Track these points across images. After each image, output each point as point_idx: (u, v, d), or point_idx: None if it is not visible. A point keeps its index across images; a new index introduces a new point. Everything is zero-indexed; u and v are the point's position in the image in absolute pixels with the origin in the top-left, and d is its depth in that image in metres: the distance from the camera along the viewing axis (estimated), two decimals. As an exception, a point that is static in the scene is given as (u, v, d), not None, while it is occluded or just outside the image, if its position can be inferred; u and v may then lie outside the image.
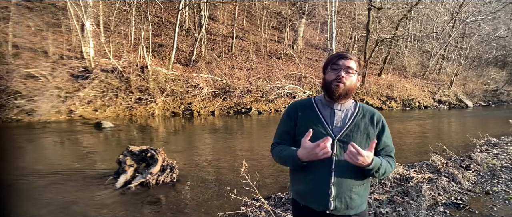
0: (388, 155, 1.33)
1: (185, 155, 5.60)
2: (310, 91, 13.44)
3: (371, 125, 1.30)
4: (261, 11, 17.42)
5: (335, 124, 1.28)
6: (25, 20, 10.71)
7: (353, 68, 1.25)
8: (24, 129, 7.73)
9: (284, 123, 1.40)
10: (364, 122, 1.29)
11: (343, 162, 1.22)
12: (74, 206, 3.36)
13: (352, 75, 1.25)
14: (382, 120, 1.33)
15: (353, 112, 1.32)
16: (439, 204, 3.02)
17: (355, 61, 1.26)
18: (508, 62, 25.48)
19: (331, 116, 1.29)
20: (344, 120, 1.29)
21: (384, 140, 1.31)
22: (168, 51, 12.75)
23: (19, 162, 4.99)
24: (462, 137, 7.26)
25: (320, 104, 1.34)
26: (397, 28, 16.11)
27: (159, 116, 10.35)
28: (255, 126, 9.67)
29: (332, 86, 1.25)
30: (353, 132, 1.27)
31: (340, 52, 1.29)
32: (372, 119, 1.31)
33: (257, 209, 2.83)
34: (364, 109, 1.33)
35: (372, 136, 1.28)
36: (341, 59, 1.25)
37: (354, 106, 1.34)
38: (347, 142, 1.22)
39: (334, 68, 1.25)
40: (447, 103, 16.91)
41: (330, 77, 1.26)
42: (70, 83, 9.68)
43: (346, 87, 1.24)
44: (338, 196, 1.23)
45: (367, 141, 1.27)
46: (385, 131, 1.32)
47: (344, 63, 1.24)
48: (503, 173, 4.09)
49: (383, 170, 1.22)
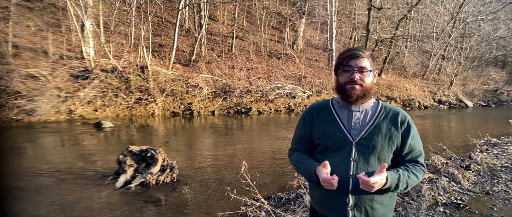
0: (414, 161, 1.19)
1: (185, 155, 5.60)
2: (310, 91, 13.44)
3: (394, 127, 1.17)
4: (261, 11, 17.41)
5: (353, 127, 1.18)
6: (25, 20, 10.71)
7: (367, 67, 1.15)
8: (24, 129, 7.73)
9: (299, 128, 1.33)
10: (386, 123, 1.18)
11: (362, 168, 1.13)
12: (74, 206, 3.36)
13: (367, 74, 1.15)
14: (408, 120, 1.20)
15: (374, 112, 1.21)
16: (439, 204, 3.02)
17: (367, 58, 1.16)
18: (508, 62, 25.49)
19: (349, 118, 1.20)
20: (363, 121, 1.19)
21: (409, 143, 1.18)
22: (168, 51, 12.75)
23: (19, 162, 4.99)
24: (462, 137, 7.26)
25: (338, 105, 1.25)
26: (397, 28, 16.11)
27: (159, 116, 10.35)
28: (255, 126, 9.67)
29: (346, 89, 1.16)
30: (374, 135, 1.16)
31: (351, 51, 1.17)
32: (396, 120, 1.18)
33: (257, 209, 2.83)
34: (387, 109, 1.21)
35: (395, 139, 1.16)
36: (353, 59, 1.14)
37: (376, 105, 1.23)
38: (367, 146, 1.15)
39: (346, 70, 1.16)
40: (447, 103, 16.91)
41: (343, 80, 1.17)
42: (70, 83, 9.67)
43: (362, 89, 1.15)
44: (356, 205, 1.14)
45: (390, 144, 1.16)
46: (411, 132, 1.18)
47: (357, 64, 1.14)
48: (503, 173, 4.09)
49: (403, 185, 1.11)
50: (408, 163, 1.19)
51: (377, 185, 1.03)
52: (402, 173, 1.12)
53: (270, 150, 6.11)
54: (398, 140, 1.17)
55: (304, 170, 1.22)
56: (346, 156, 1.16)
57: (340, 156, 1.17)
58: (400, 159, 1.20)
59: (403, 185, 1.11)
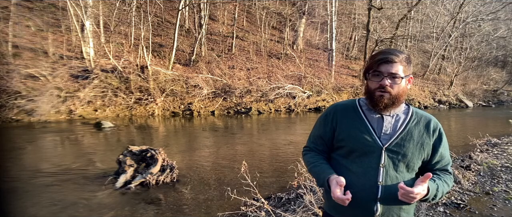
0: (444, 169, 1.15)
1: (185, 155, 5.60)
2: (310, 91, 13.44)
3: (426, 134, 1.11)
4: (261, 11, 17.41)
5: (384, 131, 1.10)
6: (25, 20, 10.71)
7: (399, 74, 1.05)
8: (24, 129, 7.72)
9: (319, 126, 1.25)
10: (418, 129, 1.11)
11: (392, 175, 1.07)
12: (74, 206, 3.36)
13: (399, 81, 1.05)
14: (440, 127, 1.14)
15: (406, 118, 1.13)
16: (439, 204, 3.02)
17: (401, 63, 1.06)
18: (508, 62, 25.49)
19: (379, 122, 1.12)
20: (394, 127, 1.11)
21: (441, 152, 1.13)
22: (168, 51, 12.75)
23: (19, 162, 4.99)
24: (462, 137, 7.26)
25: (366, 108, 1.16)
26: (397, 28, 16.11)
27: (159, 116, 10.35)
28: (255, 126, 9.67)
29: (375, 96, 1.08)
30: (405, 141, 1.09)
31: (383, 54, 1.07)
32: (428, 127, 1.12)
33: (257, 209, 2.83)
34: (418, 115, 1.15)
35: (426, 147, 1.11)
36: (384, 64, 1.05)
37: (406, 110, 1.16)
38: (397, 153, 1.08)
39: (376, 74, 1.07)
40: (447, 103, 16.91)
41: (372, 85, 1.09)
42: (70, 83, 9.67)
43: (392, 96, 1.06)
44: (384, 215, 1.08)
45: (421, 152, 1.10)
46: (442, 141, 1.13)
47: (388, 69, 1.05)
48: (503, 173, 4.09)
49: (440, 194, 1.06)
50: (438, 172, 1.14)
51: (419, 196, 0.97)
52: (439, 182, 1.07)
53: (270, 150, 6.10)
54: (429, 148, 1.12)
55: (317, 175, 1.16)
56: (375, 162, 1.09)
57: (368, 161, 1.10)
58: (429, 167, 1.14)
59: (439, 195, 1.06)
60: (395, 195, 1.02)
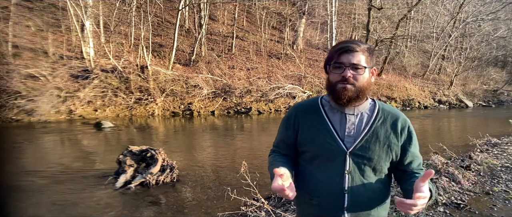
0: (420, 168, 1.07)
1: (185, 155, 5.60)
2: (310, 91, 13.44)
3: (393, 134, 1.02)
4: (261, 11, 17.42)
5: (347, 133, 1.02)
6: (25, 20, 10.71)
7: (361, 64, 0.97)
8: (24, 129, 7.73)
9: (282, 130, 1.17)
10: (384, 129, 1.02)
11: (358, 181, 1.00)
12: (74, 206, 3.36)
13: (362, 72, 0.98)
14: (408, 125, 1.05)
15: (371, 116, 1.04)
16: (439, 204, 3.02)
17: (363, 53, 0.98)
18: (508, 62, 25.48)
19: (342, 122, 1.03)
20: (358, 127, 1.02)
21: (412, 152, 1.04)
22: (168, 51, 12.75)
23: (19, 162, 4.99)
24: (462, 137, 7.26)
25: (328, 107, 1.07)
26: (397, 28, 16.11)
27: (159, 116, 10.35)
28: (255, 126, 9.67)
29: (337, 89, 0.98)
30: (370, 143, 1.00)
31: (343, 44, 0.99)
32: (395, 125, 1.03)
33: (257, 209, 2.83)
34: (385, 112, 1.05)
35: (394, 148, 1.02)
36: (344, 54, 0.97)
37: (372, 108, 1.06)
38: (363, 157, 1.00)
39: (336, 66, 0.99)
40: (447, 103, 16.91)
41: (334, 78, 1.00)
42: (70, 83, 9.68)
43: (356, 88, 0.98)
44: None
45: (388, 154, 1.02)
46: (412, 140, 1.04)
47: (349, 59, 0.96)
48: (503, 173, 4.09)
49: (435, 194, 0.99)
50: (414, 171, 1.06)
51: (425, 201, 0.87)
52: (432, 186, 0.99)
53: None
54: (398, 149, 1.03)
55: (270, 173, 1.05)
56: (340, 168, 1.00)
57: (332, 167, 1.01)
58: (399, 168, 1.07)
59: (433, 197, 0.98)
60: (362, 202, 0.99)
